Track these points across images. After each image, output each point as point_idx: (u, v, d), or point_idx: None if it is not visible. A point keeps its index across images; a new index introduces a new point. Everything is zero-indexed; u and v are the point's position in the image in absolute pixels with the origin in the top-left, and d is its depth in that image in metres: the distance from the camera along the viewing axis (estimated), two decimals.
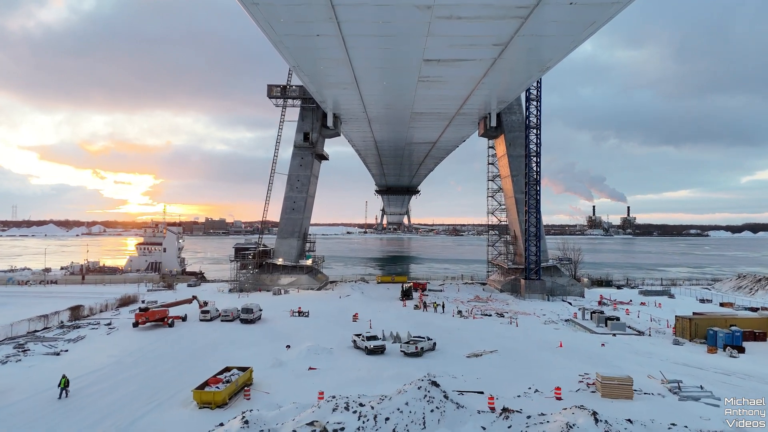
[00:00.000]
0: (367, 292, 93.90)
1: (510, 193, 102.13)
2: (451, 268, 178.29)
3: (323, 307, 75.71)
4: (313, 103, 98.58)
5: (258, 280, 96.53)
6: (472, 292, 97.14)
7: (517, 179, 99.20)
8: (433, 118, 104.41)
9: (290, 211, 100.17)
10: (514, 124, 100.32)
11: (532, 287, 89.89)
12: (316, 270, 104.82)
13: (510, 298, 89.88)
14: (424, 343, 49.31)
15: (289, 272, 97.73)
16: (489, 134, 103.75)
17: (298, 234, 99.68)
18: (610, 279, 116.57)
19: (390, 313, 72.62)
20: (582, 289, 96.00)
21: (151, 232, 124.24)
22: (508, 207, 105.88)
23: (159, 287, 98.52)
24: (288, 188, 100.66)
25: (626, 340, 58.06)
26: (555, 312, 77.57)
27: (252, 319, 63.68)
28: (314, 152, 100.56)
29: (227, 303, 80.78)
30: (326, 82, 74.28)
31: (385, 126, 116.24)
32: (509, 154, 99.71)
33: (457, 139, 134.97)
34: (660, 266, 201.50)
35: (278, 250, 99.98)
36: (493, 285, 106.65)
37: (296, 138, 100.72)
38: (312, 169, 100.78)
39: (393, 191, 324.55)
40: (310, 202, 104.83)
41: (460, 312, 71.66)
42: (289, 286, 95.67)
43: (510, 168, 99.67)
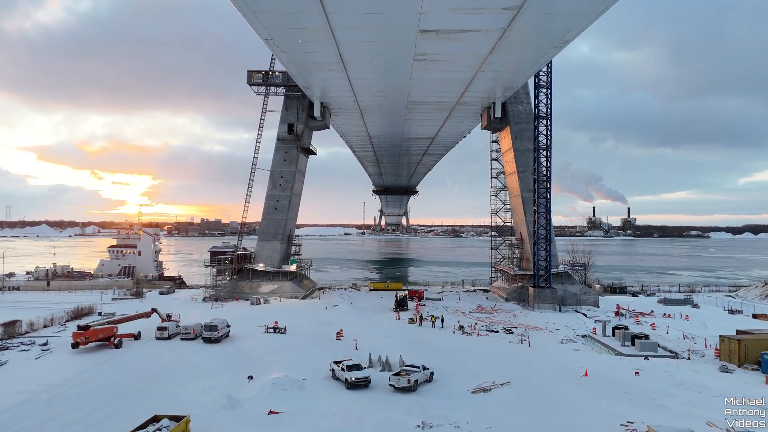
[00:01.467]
0: (357, 301, 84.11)
1: (516, 192, 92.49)
2: (451, 272, 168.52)
3: (304, 321, 65.90)
4: (298, 91, 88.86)
5: (236, 288, 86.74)
6: (474, 301, 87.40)
7: (524, 176, 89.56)
8: (432, 109, 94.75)
9: (272, 210, 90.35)
10: (521, 115, 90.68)
11: (542, 296, 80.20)
12: (301, 276, 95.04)
13: (517, 309, 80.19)
14: (419, 374, 39.57)
15: (270, 279, 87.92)
16: (493, 126, 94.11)
17: (281, 236, 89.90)
18: (624, 286, 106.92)
19: (381, 328, 62.85)
20: (596, 297, 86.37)
21: (124, 233, 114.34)
22: (513, 207, 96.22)
23: (126, 295, 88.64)
24: (270, 185, 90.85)
25: (662, 365, 48.35)
26: (569, 326, 68.01)
27: (216, 337, 53.86)
28: (300, 146, 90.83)
29: (197, 315, 71.07)
30: (308, 62, 64.55)
31: (379, 119, 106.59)
32: (515, 148, 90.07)
33: (458, 134, 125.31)
34: (670, 269, 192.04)
35: (259, 254, 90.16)
36: (497, 293, 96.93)
37: (279, 130, 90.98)
38: (297, 164, 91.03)
39: (391, 192, 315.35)
40: (296, 201, 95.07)
41: (462, 327, 61.91)
42: (270, 295, 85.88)
43: (516, 163, 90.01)
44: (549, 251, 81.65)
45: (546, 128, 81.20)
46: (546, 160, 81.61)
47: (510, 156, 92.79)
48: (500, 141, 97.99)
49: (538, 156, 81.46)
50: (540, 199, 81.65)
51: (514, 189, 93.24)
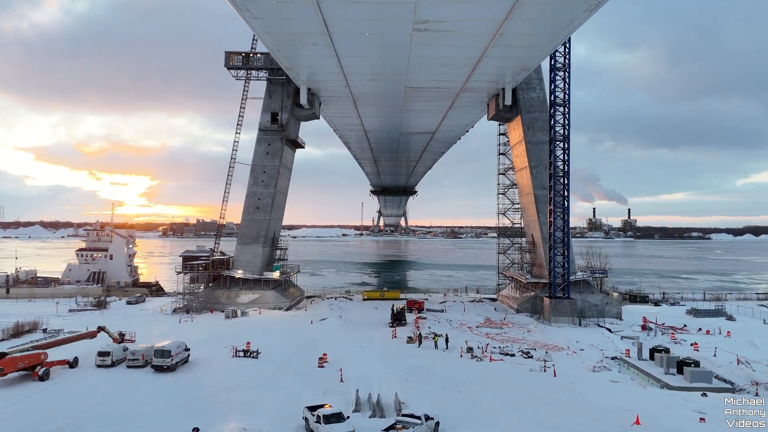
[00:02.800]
0: (348, 314, 73.84)
1: (527, 189, 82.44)
2: (454, 276, 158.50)
3: (284, 341, 55.77)
4: (283, 75, 78.76)
5: (211, 298, 76.51)
6: (481, 313, 77.26)
7: (538, 171, 79.53)
8: (433, 97, 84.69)
9: (253, 210, 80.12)
10: (534, 103, 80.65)
11: (560, 308, 70.09)
12: (287, 283, 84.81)
13: (531, 323, 70.11)
14: (421, 427, 29.49)
15: (250, 287, 77.69)
16: (501, 116, 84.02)
17: (263, 239, 79.67)
18: (644, 294, 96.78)
19: (374, 349, 52.65)
20: (619, 308, 76.31)
21: (94, 235, 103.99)
22: (524, 206, 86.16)
23: (86, 306, 78.34)
24: (251, 182, 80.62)
25: (728, 402, 38.20)
26: (595, 345, 57.98)
27: (170, 365, 43.64)
28: (284, 137, 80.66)
29: (160, 332, 60.94)
30: (288, 33, 54.40)
31: (375, 109, 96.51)
32: (527, 141, 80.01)
33: (461, 128, 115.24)
34: (682, 273, 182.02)
35: (238, 259, 79.93)
36: (506, 302, 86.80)
37: (261, 119, 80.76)
38: (282, 157, 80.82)
39: (389, 192, 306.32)
40: (280, 199, 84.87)
41: (470, 350, 51.67)
42: (250, 306, 75.67)
43: (528, 158, 79.95)
44: (568, 257, 71.57)
45: (564, 117, 71.16)
46: (563, 152, 71.55)
47: (521, 149, 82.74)
48: (509, 133, 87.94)
49: (554, 148, 71.40)
50: (557, 198, 71.58)
51: (525, 186, 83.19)
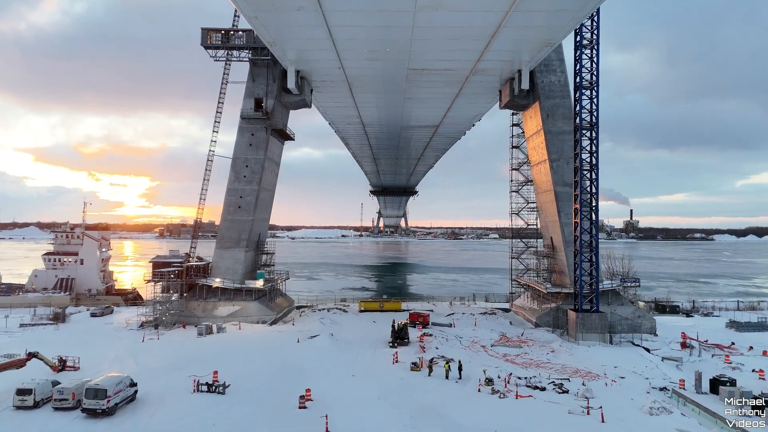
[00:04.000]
0: (342, 329, 63.88)
1: (545, 186, 72.67)
2: (459, 280, 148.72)
3: (261, 368, 45.96)
4: (267, 55, 69.08)
5: (186, 310, 66.68)
6: (495, 327, 67.34)
7: (558, 165, 69.76)
8: (439, 82, 74.88)
9: (234, 209, 70.29)
10: (554, 88, 70.86)
11: (588, 323, 60.19)
12: (274, 292, 74.96)
13: (553, 340, 60.31)
14: None
15: (230, 298, 67.89)
16: (516, 103, 74.16)
17: (245, 242, 69.85)
18: (673, 303, 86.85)
19: (371, 382, 42.69)
20: (653, 322, 66.40)
21: (63, 237, 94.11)
22: (541, 205, 76.36)
23: (42, 320, 68.48)
24: (232, 177, 70.80)
25: None
26: (636, 371, 48.26)
27: (105, 409, 33.78)
28: (270, 126, 70.84)
29: (118, 354, 51.24)
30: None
31: (373, 97, 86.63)
32: (547, 131, 70.21)
33: (467, 120, 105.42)
34: (699, 277, 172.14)
35: (217, 265, 70.07)
36: (521, 314, 76.93)
37: (244, 106, 70.93)
38: (267, 150, 70.98)
39: (389, 192, 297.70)
40: (266, 197, 75.06)
41: (490, 382, 41.74)
42: (229, 319, 65.89)
43: (547, 150, 70.15)
44: (596, 263, 61.69)
45: (591, 101, 61.35)
46: (591, 143, 61.71)
47: (538, 141, 72.96)
48: (525, 123, 78.13)
49: (580, 138, 61.54)
50: (583, 195, 61.72)
51: (544, 183, 73.40)
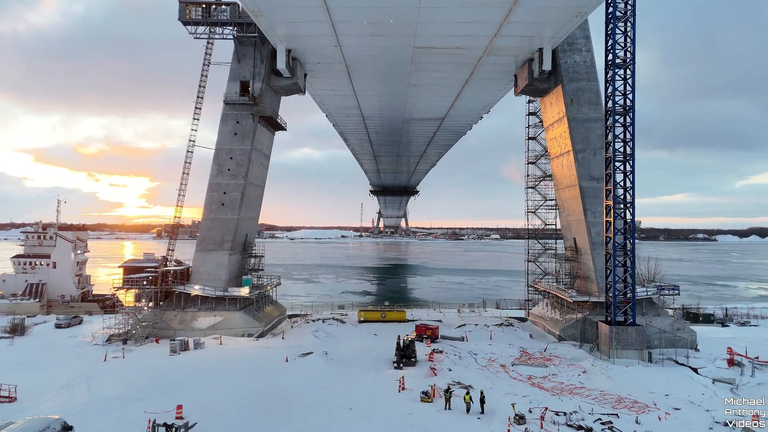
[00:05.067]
0: (338, 345, 55.59)
1: (568, 181, 64.55)
2: (465, 283, 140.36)
3: (239, 397, 37.77)
4: (255, 32, 60.96)
5: (161, 321, 58.48)
6: (513, 341, 59.07)
7: (584, 157, 61.62)
8: (447, 64, 66.83)
9: (217, 207, 62.10)
10: (579, 69, 62.72)
11: (624, 338, 51.94)
12: (263, 300, 66.77)
13: (582, 357, 52.15)
14: None
15: (212, 308, 59.70)
16: (535, 88, 65.99)
17: (230, 244, 61.64)
18: (707, 312, 78.59)
19: (372, 420, 34.32)
20: (693, 336, 58.18)
21: (34, 238, 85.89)
22: (562, 202, 68.21)
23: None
24: (214, 170, 62.61)
25: None
26: (692, 399, 40.22)
27: None
28: (258, 113, 62.64)
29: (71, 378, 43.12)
30: None
31: (374, 83, 78.44)
32: (571, 118, 62.07)
33: (476, 110, 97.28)
34: (716, 279, 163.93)
35: (197, 270, 61.85)
36: (540, 324, 68.72)
37: (228, 89, 62.76)
38: (254, 139, 62.80)
39: (390, 192, 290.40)
40: (254, 193, 66.88)
41: (521, 420, 33.46)
42: (210, 332, 57.74)
43: (572, 140, 61.99)
44: (632, 269, 53.48)
45: (625, 82, 53.15)
46: (625, 130, 53.50)
47: (560, 130, 64.83)
48: (544, 111, 69.99)
49: (613, 125, 53.31)
50: (616, 190, 53.49)
51: (566, 177, 65.27)
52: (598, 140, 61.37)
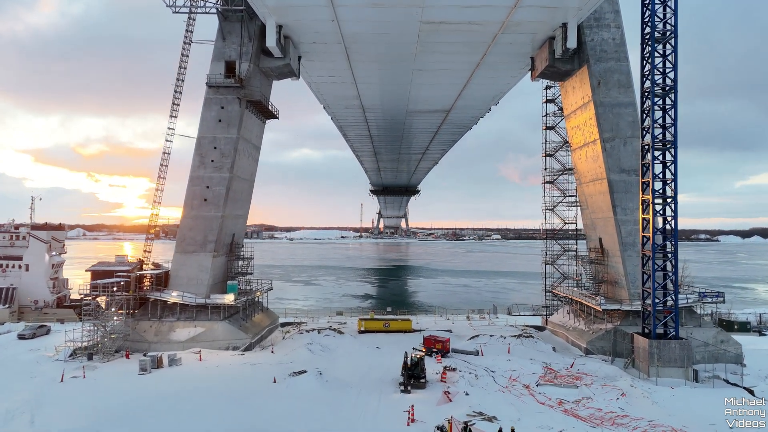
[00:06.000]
0: (334, 362, 48.45)
1: (593, 174, 57.59)
2: (471, 285, 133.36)
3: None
4: (242, 5, 53.98)
5: (134, 332, 51.43)
6: (534, 355, 51.98)
7: (613, 147, 54.64)
8: (458, 44, 59.96)
9: (199, 203, 55.05)
10: (608, 48, 55.71)
11: (666, 354, 44.89)
12: (252, 307, 59.73)
13: (617, 375, 45.16)
14: None
15: (192, 317, 52.66)
16: (556, 70, 58.92)
17: (214, 245, 54.61)
18: (743, 321, 71.46)
19: None
20: (738, 348, 51.20)
21: (5, 239, 78.81)
22: (586, 198, 61.23)
23: None
24: (196, 162, 55.57)
25: None
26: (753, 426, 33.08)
27: None
28: (245, 97, 55.60)
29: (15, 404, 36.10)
30: None
31: (375, 68, 71.47)
32: (598, 102, 55.06)
33: (486, 100, 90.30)
34: (732, 281, 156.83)
35: (177, 274, 54.79)
36: (562, 334, 61.66)
37: (212, 71, 55.70)
38: (241, 127, 55.77)
39: (390, 191, 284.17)
40: (242, 188, 59.84)
41: None
42: (190, 345, 50.74)
43: (599, 127, 54.98)
44: (674, 274, 46.46)
45: (664, 59, 46.17)
46: (665, 113, 46.47)
47: (585, 117, 57.84)
48: (564, 96, 62.98)
49: (652, 108, 46.24)
50: (655, 183, 46.42)
51: (591, 170, 58.28)
52: (628, 127, 54.47)
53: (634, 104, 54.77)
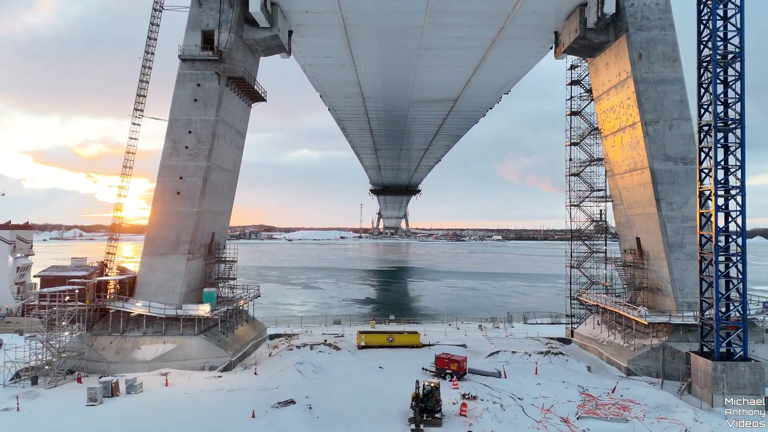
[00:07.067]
0: (328, 388, 40.26)
1: (631, 163, 49.54)
2: (479, 288, 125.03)
3: None
4: None
5: (91, 350, 43.30)
6: (566, 376, 43.77)
7: (657, 130, 46.56)
8: (473, 16, 52.33)
9: (171, 197, 46.93)
10: (650, 14, 47.55)
11: (735, 379, 36.76)
12: (234, 318, 51.55)
13: (673, 403, 37.07)
14: None
15: (160, 331, 44.53)
16: (587, 42, 50.85)
17: (188, 247, 46.49)
18: None
19: None
20: None
21: None
22: (620, 192, 53.17)
23: None
24: (168, 149, 47.45)
25: None
26: None
27: None
28: (225, 73, 47.44)
29: None
30: None
31: (377, 44, 63.42)
32: (640, 78, 46.94)
33: (497, 87, 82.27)
34: (752, 284, 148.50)
35: (144, 281, 46.67)
36: (593, 350, 53.45)
37: (186, 42, 47.57)
38: (220, 107, 47.65)
39: (390, 191, 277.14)
40: (224, 180, 51.71)
41: None
42: (158, 365, 42.65)
43: (640, 107, 46.88)
44: (743, 281, 38.49)
45: (725, 23, 38.16)
46: (726, 88, 38.37)
47: (621, 97, 49.74)
48: (594, 75, 54.87)
49: (714, 81, 38.12)
50: (717, 170, 38.37)
51: (627, 159, 50.21)
52: (674, 108, 46.45)
53: (681, 80, 46.77)
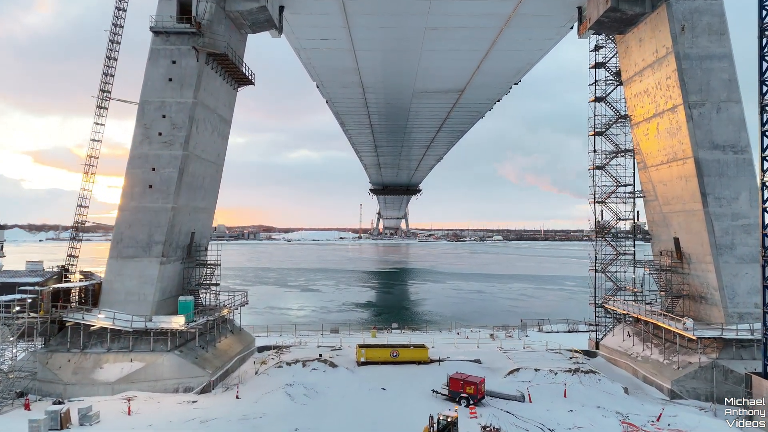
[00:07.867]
0: (322, 415, 33.98)
1: (672, 152, 43.36)
2: (485, 291, 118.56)
3: None
4: None
5: (46, 368, 37.05)
6: (601, 401, 37.45)
7: (703, 114, 40.41)
8: None
9: (142, 191, 40.71)
10: None
11: None
12: (217, 330, 45.25)
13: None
14: None
15: (127, 347, 38.26)
16: (618, 16, 44.57)
17: (162, 248, 40.26)
18: None
19: None
20: None
21: None
22: (654, 186, 46.98)
23: None
24: (138, 136, 41.21)
25: None
26: None
27: None
28: (205, 48, 41.16)
29: None
30: None
31: (378, 23, 57.17)
32: (683, 55, 40.71)
33: (508, 75, 76.03)
34: None
35: (111, 288, 40.45)
36: (625, 365, 47.18)
37: (159, 10, 41.27)
38: (199, 88, 41.42)
39: (390, 191, 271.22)
40: (204, 172, 45.43)
41: None
42: (123, 387, 36.42)
43: (683, 87, 40.66)
44: None
45: None
46: None
47: (658, 77, 43.54)
48: (624, 54, 48.65)
49: None
50: None
51: (666, 148, 44.01)
52: (723, 88, 40.34)
53: (729, 56, 40.66)
